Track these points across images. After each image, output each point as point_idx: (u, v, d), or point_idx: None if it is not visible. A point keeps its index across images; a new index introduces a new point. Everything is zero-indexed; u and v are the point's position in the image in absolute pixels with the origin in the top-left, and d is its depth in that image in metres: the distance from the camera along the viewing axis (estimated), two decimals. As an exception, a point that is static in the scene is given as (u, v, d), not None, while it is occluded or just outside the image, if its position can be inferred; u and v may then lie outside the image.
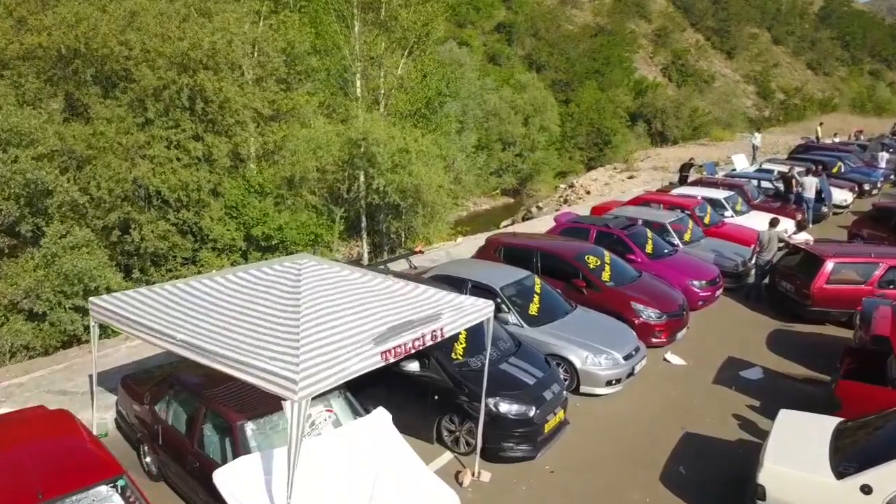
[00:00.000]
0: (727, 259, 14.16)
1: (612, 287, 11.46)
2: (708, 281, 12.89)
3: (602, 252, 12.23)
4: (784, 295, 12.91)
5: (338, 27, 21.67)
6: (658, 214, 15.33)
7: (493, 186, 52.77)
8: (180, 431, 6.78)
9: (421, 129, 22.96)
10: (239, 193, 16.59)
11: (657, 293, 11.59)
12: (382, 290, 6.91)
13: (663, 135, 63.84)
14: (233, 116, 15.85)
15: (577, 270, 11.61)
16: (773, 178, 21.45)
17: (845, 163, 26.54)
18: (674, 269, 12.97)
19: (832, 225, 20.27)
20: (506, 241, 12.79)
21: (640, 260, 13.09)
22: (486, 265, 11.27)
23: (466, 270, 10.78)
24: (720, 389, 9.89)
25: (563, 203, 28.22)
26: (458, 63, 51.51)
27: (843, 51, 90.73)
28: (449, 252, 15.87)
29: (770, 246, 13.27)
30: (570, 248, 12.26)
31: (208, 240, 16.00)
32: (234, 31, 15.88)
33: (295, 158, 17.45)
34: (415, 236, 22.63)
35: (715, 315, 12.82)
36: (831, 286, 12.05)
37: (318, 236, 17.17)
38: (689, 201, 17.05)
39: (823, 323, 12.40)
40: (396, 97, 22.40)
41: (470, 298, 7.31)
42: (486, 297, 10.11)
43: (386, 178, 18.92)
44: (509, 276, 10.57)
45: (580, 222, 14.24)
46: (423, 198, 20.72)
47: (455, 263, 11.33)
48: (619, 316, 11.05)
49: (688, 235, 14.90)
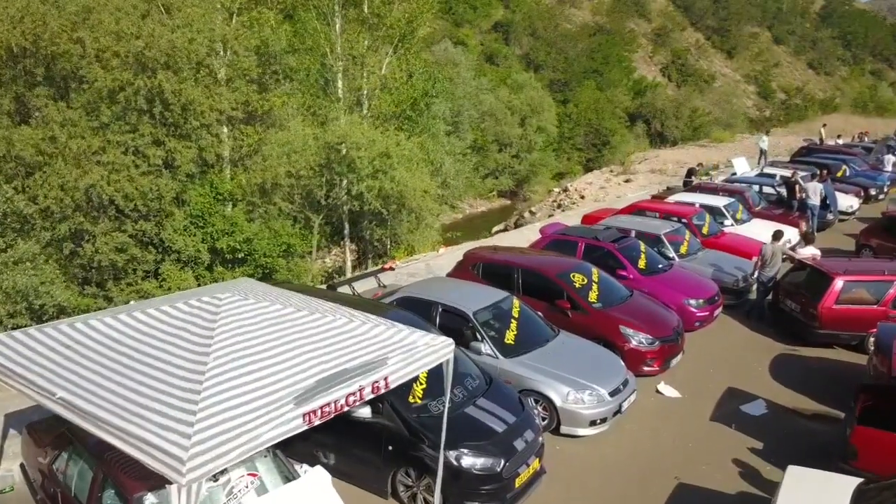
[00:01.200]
0: (727, 274, 13.09)
1: (600, 309, 10.39)
2: (706, 299, 11.81)
3: (589, 269, 11.16)
4: (788, 315, 11.83)
5: (317, 24, 20.58)
6: (653, 225, 14.25)
7: (488, 188, 51.98)
8: (79, 500, 5.71)
9: (406, 132, 21.93)
10: (205, 202, 15.53)
11: (649, 315, 10.52)
12: (318, 329, 5.83)
13: (663, 135, 62.95)
14: (197, 119, 14.75)
15: (560, 290, 10.54)
16: (776, 184, 20.36)
17: (850, 166, 25.42)
18: (668, 286, 11.89)
19: (838, 233, 19.19)
20: (484, 257, 11.71)
21: (632, 276, 12.03)
22: (459, 285, 10.19)
23: (437, 291, 9.70)
24: (719, 428, 8.82)
25: (556, 208, 27.17)
26: (452, 63, 50.64)
27: (845, 50, 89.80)
28: (429, 265, 14.80)
29: (773, 261, 12.19)
30: (554, 264, 11.18)
31: (171, 252, 14.92)
32: (199, 29, 14.78)
33: (267, 164, 16.38)
34: (400, 244, 21.59)
35: (713, 337, 11.75)
36: (841, 307, 10.97)
37: (290, 247, 16.09)
38: (686, 209, 15.98)
39: (832, 346, 11.34)
40: (380, 98, 21.33)
41: (427, 336, 6.23)
42: (457, 323, 9.19)
43: (366, 183, 17.85)
44: (485, 298, 9.50)
45: (567, 235, 13.16)
46: (408, 204, 19.67)
47: (425, 283, 10.27)
48: (606, 341, 10.01)
49: (684, 248, 13.83)
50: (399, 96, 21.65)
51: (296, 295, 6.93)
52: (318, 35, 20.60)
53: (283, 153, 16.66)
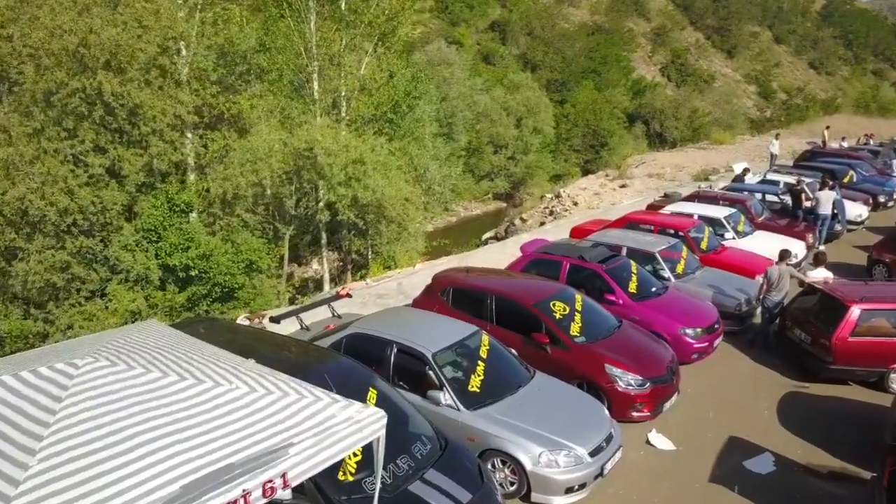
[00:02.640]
0: (728, 297, 11.77)
1: (583, 343, 9.09)
2: (705, 328, 10.49)
3: (572, 296, 9.85)
4: (797, 346, 10.52)
5: (290, 21, 19.25)
6: (646, 241, 12.93)
7: (483, 191, 50.93)
8: None
9: (386, 135, 20.63)
10: (159, 214, 14.22)
11: (640, 351, 9.22)
12: (201, 408, 4.52)
13: (662, 136, 61.76)
14: (147, 125, 13.44)
15: (538, 321, 9.24)
16: (780, 192, 19.03)
17: (857, 171, 24.05)
18: (663, 313, 10.58)
19: (846, 245, 17.88)
20: (455, 281, 10.39)
21: (622, 302, 10.73)
22: (421, 319, 8.88)
23: (393, 326, 8.39)
24: (719, 491, 7.51)
25: (548, 215, 25.85)
26: (446, 62, 49.44)
27: (846, 50, 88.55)
28: (401, 284, 13.50)
29: (781, 284, 10.88)
30: (532, 291, 9.87)
31: (119, 270, 13.62)
32: (149, 25, 13.46)
33: (228, 172, 15.08)
34: (380, 255, 20.28)
35: (712, 370, 10.45)
36: (857, 339, 9.66)
37: (252, 263, 14.77)
38: (682, 222, 14.65)
39: (847, 382, 10.03)
40: (358, 100, 20.01)
41: (352, 408, 4.91)
42: (414, 366, 7.89)
43: (337, 192, 16.53)
44: (448, 334, 8.19)
45: (550, 253, 11.82)
46: (387, 213, 18.36)
47: (381, 316, 8.96)
48: (590, 382, 8.74)
49: (681, 266, 12.52)
50: (379, 98, 20.34)
51: (200, 349, 5.63)
52: (292, 33, 19.29)
53: (245, 160, 15.36)
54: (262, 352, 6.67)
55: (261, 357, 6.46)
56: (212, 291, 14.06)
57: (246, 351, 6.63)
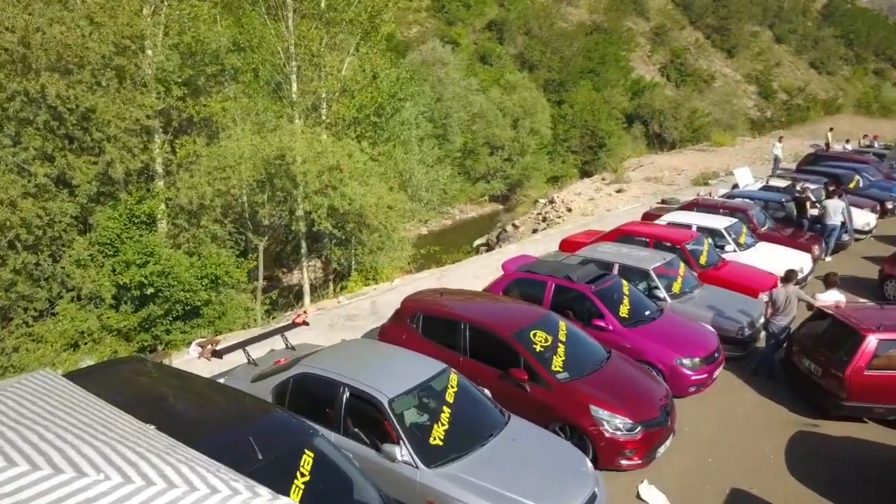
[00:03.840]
0: (729, 320, 10.71)
1: (566, 380, 8.05)
2: (703, 358, 9.45)
3: (555, 324, 8.82)
4: (806, 377, 9.49)
5: (266, 19, 18.21)
6: (640, 257, 11.88)
7: (479, 193, 50.23)
8: None
9: (369, 139, 19.60)
10: (116, 226, 13.18)
11: (630, 389, 8.19)
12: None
13: (661, 136, 60.86)
14: (101, 130, 12.40)
15: (516, 355, 8.20)
16: (784, 199, 17.97)
17: (863, 176, 22.97)
18: (657, 340, 9.54)
19: (854, 257, 16.84)
20: (426, 307, 9.33)
21: (612, 328, 9.70)
22: (381, 354, 7.84)
23: (348, 364, 7.36)
24: (720, 561, 6.49)
25: (541, 221, 24.82)
26: (441, 62, 48.60)
27: (847, 49, 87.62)
28: (375, 302, 12.48)
29: (787, 308, 9.85)
30: (510, 318, 8.82)
31: (71, 288, 12.59)
32: (103, 23, 12.42)
33: (193, 181, 14.06)
34: (363, 266, 19.26)
35: (712, 405, 9.42)
36: (875, 372, 8.63)
37: (217, 278, 13.73)
38: (680, 234, 13.60)
39: (863, 420, 9.00)
40: (339, 102, 18.97)
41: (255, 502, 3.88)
42: (368, 413, 6.86)
43: (312, 201, 15.50)
44: (410, 374, 7.15)
45: (534, 272, 10.75)
46: (369, 222, 17.34)
47: (336, 352, 7.90)
48: (573, 426, 7.72)
49: (677, 285, 11.48)
50: (361, 100, 19.30)
51: (86, 415, 4.59)
52: (268, 31, 18.26)
53: (213, 168, 14.33)
54: (178, 406, 5.65)
55: (173, 414, 5.46)
56: (172, 310, 13.04)
57: (157, 406, 5.62)
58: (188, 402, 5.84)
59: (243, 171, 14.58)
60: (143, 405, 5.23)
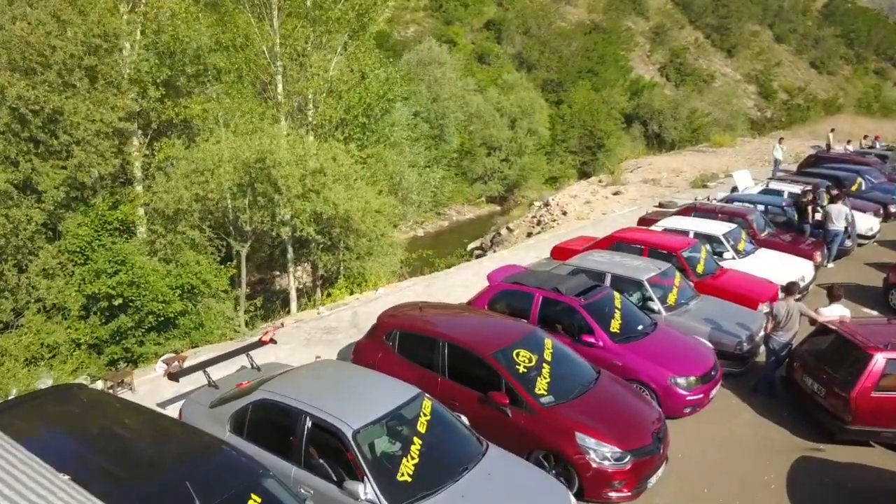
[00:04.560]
0: (727, 334, 10.13)
1: (551, 405, 7.47)
2: (699, 377, 8.87)
3: (540, 341, 8.24)
4: (809, 397, 8.91)
5: (250, 17, 17.63)
6: (633, 266, 11.29)
7: (476, 194, 49.91)
8: None
9: (357, 141, 19.03)
10: (86, 234, 12.61)
11: (620, 413, 7.62)
12: None
13: (660, 137, 60.39)
14: (69, 133, 11.83)
15: (497, 376, 7.62)
16: (784, 204, 17.38)
17: (865, 178, 22.36)
18: (650, 358, 8.97)
19: (857, 262, 16.26)
20: (402, 324, 8.74)
21: (602, 344, 9.12)
22: (349, 377, 7.26)
23: (312, 389, 6.79)
24: None
25: (536, 224, 24.24)
26: (437, 62, 48.18)
27: (848, 49, 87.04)
28: (356, 313, 11.90)
29: (789, 323, 9.27)
30: (492, 336, 8.24)
31: (38, 298, 12.02)
32: (71, 21, 11.85)
33: (169, 185, 13.49)
34: (350, 272, 18.69)
35: (708, 426, 8.84)
36: (883, 394, 8.06)
37: (193, 287, 13.16)
38: (675, 241, 13.00)
39: (870, 444, 8.43)
40: (325, 103, 18.39)
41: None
42: (332, 445, 6.29)
43: (294, 206, 14.92)
44: (381, 400, 6.58)
45: (521, 284, 10.16)
46: (356, 227, 16.77)
47: (302, 374, 7.32)
48: (557, 455, 7.15)
49: (672, 296, 10.89)
50: (349, 101, 18.71)
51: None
52: (252, 29, 17.67)
53: (190, 171, 13.77)
54: (108, 447, 5.07)
55: (100, 457, 4.87)
56: (144, 321, 12.47)
57: (83, 447, 5.03)
58: (121, 442, 5.25)
59: (222, 174, 14.01)
60: (65, 447, 4.67)
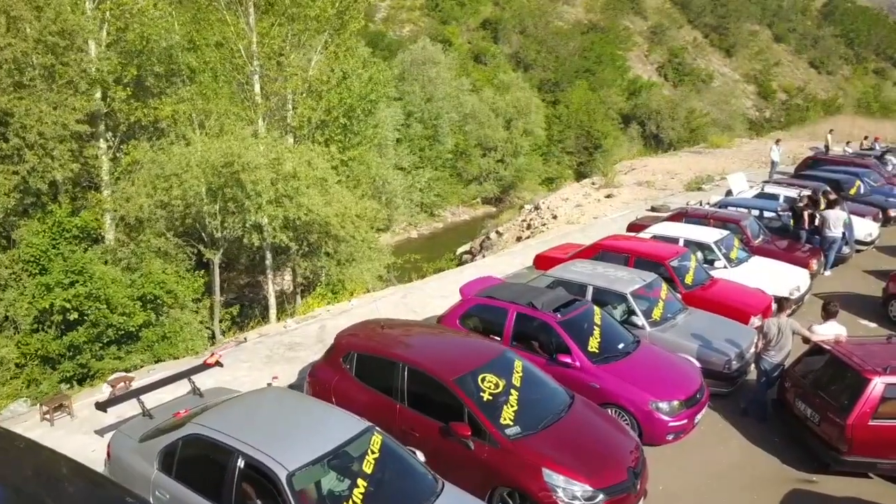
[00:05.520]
0: (715, 352, 9.47)
1: (517, 437, 6.79)
2: (683, 401, 8.20)
3: (510, 364, 7.57)
4: (802, 423, 8.24)
5: (225, 14, 16.95)
6: (616, 278, 10.60)
7: (472, 195, 49.47)
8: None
9: (338, 143, 18.38)
10: (44, 242, 11.94)
11: (593, 447, 6.95)
12: None
13: (658, 137, 59.81)
14: (19, 136, 11.17)
15: (460, 405, 6.95)
16: (780, 208, 16.70)
17: (864, 181, 21.64)
18: (630, 380, 8.29)
19: (855, 270, 15.58)
20: (360, 345, 8.05)
21: (579, 364, 8.45)
22: (292, 408, 6.56)
23: (249, 423, 6.13)
24: None
25: (525, 228, 23.57)
26: (431, 61, 47.68)
27: (847, 49, 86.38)
28: (324, 327, 11.23)
29: (781, 342, 8.60)
30: (456, 359, 7.55)
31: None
32: (21, 17, 11.18)
33: (132, 190, 12.84)
34: (331, 279, 18.04)
35: (692, 455, 8.18)
36: (881, 422, 7.39)
37: (157, 298, 12.49)
38: (664, 250, 12.33)
39: (867, 476, 7.76)
40: (303, 104, 17.72)
41: None
42: (264, 487, 5.64)
43: (265, 212, 14.25)
44: (323, 437, 5.90)
45: (494, 298, 9.47)
46: (335, 233, 16.11)
47: (240, 404, 6.63)
48: (522, 493, 6.48)
49: (658, 310, 10.21)
50: (329, 101, 18.05)
51: None
52: (227, 27, 17.00)
53: (154, 177, 13.11)
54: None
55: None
56: (103, 335, 11.80)
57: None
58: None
59: (189, 179, 13.33)
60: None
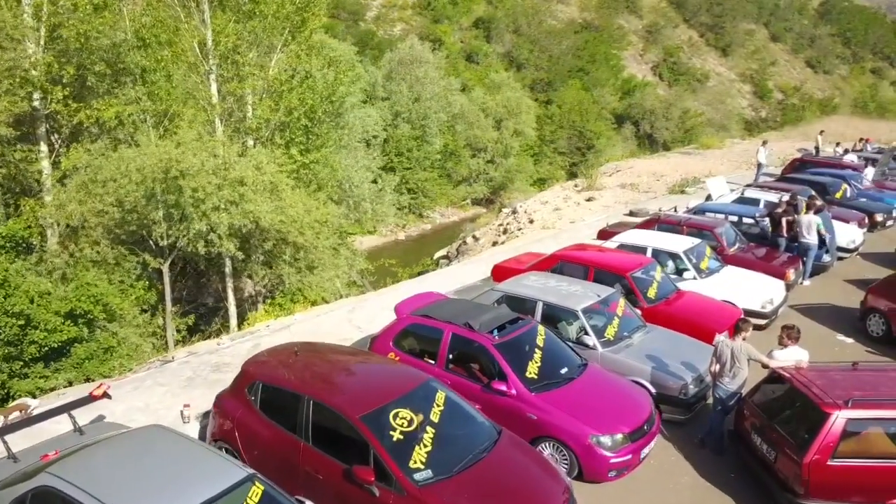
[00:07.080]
0: (671, 376, 8.70)
1: (427, 483, 6.02)
2: (628, 434, 7.42)
3: (431, 396, 6.78)
4: (759, 460, 7.46)
5: (178, 10, 16.18)
6: (569, 293, 9.80)
7: (461, 196, 48.95)
8: None
9: (299, 145, 17.62)
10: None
11: (514, 493, 6.17)
12: None
13: (652, 137, 59.14)
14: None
15: (366, 445, 6.18)
16: (758, 214, 15.92)
17: (851, 184, 20.84)
18: (569, 410, 7.51)
19: (835, 279, 14.81)
20: (266, 374, 7.26)
21: (515, 392, 7.67)
22: (165, 454, 5.74)
23: (112, 471, 5.36)
24: None
25: (502, 233, 22.81)
26: (419, 61, 47.05)
27: (844, 48, 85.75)
28: (259, 346, 10.44)
29: (734, 368, 7.80)
30: (367, 392, 6.77)
31: None
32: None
33: (63, 198, 12.08)
34: (289, 289, 17.27)
35: (637, 493, 7.40)
36: (841, 462, 6.61)
37: (87, 313, 11.71)
38: (626, 261, 11.55)
39: (827, 520, 6.99)
40: (263, 105, 16.95)
41: None
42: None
43: (210, 219, 13.46)
44: (194, 491, 5.13)
45: (430, 318, 8.67)
46: (293, 240, 15.36)
47: (109, 447, 5.87)
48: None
49: (612, 329, 9.43)
50: (289, 102, 17.27)
51: None
52: (180, 25, 16.24)
53: (88, 181, 12.35)
54: None
55: None
56: (24, 353, 11.05)
57: None
58: None
59: (126, 185, 12.56)
60: None
